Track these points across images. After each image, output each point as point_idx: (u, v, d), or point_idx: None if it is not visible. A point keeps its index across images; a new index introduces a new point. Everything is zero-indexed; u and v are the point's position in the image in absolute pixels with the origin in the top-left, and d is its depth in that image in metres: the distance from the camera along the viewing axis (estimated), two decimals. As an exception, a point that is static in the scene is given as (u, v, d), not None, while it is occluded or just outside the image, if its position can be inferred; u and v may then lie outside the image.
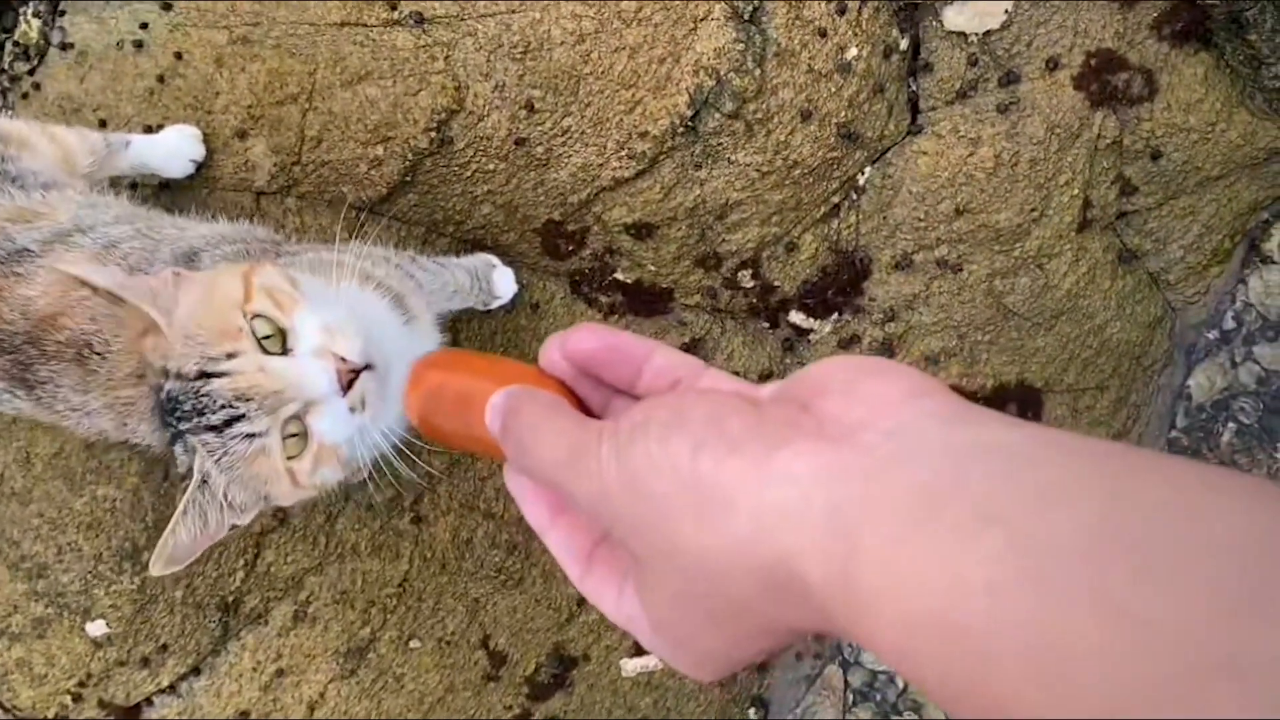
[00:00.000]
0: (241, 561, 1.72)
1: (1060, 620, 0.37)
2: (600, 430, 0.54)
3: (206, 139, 1.61)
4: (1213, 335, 1.88)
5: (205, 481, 1.00)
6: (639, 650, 1.90)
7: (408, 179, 1.62)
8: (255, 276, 1.00)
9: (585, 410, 0.65)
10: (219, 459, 0.98)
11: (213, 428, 0.97)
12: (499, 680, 1.85)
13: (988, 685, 0.38)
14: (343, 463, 1.03)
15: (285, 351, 0.99)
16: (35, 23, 1.67)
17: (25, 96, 1.65)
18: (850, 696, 2.06)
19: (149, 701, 1.77)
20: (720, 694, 1.99)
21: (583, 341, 0.63)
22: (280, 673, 1.78)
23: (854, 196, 1.71)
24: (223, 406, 0.96)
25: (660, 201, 1.64)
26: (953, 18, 1.61)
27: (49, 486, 1.66)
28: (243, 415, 0.97)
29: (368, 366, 1.00)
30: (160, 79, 1.62)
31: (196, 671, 1.77)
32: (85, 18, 1.64)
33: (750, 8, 1.55)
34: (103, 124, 1.63)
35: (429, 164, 1.61)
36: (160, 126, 1.61)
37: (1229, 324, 1.88)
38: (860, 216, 1.72)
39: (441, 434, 0.67)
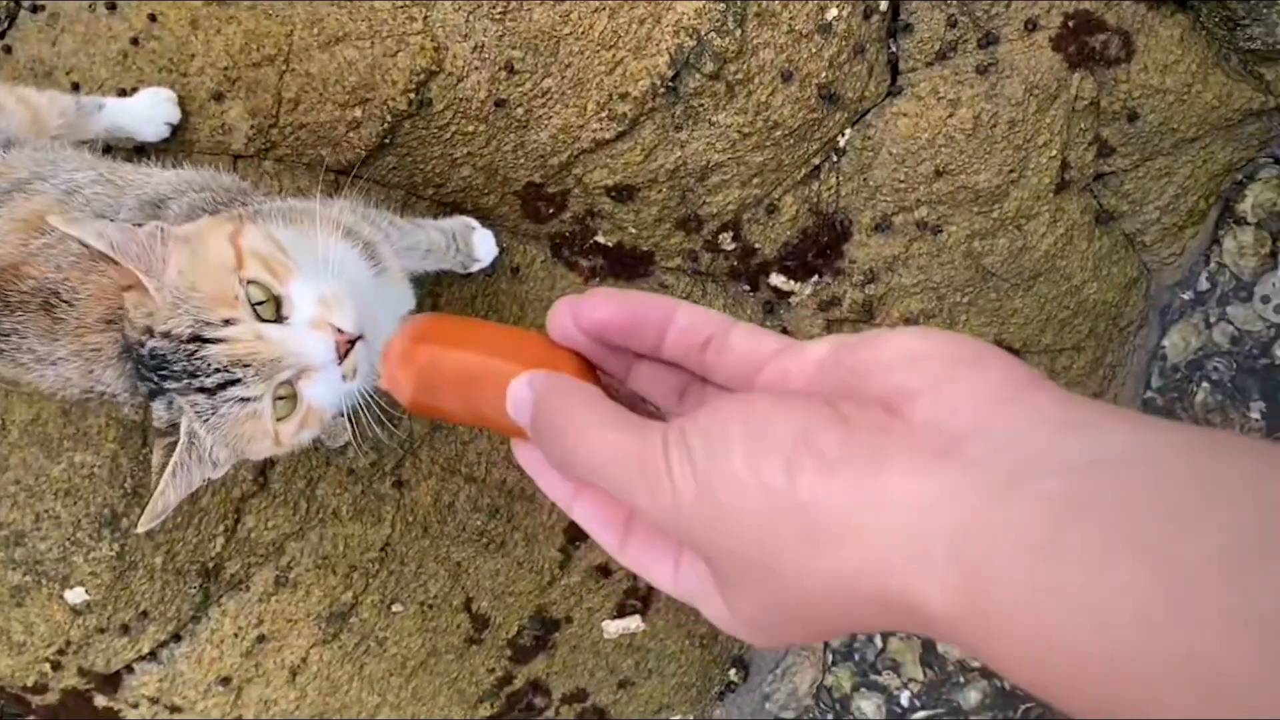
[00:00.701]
0: (222, 527, 1.72)
1: (1216, 650, 0.35)
2: (664, 437, 0.50)
3: (182, 102, 1.59)
4: (1187, 296, 1.91)
5: (192, 441, 1.02)
6: (621, 612, 1.92)
7: (386, 141, 1.61)
8: (243, 240, 1.01)
9: (604, 378, 0.62)
10: (208, 419, 1.00)
11: (205, 390, 0.99)
12: (482, 643, 1.87)
13: (1146, 708, 0.37)
14: (324, 424, 1.07)
15: (279, 319, 1.00)
16: (6, -14, 1.65)
17: (-4, 60, 1.63)
18: (829, 656, 2.09)
19: (129, 669, 1.78)
20: (702, 655, 2.02)
21: (597, 310, 0.60)
22: (262, 638, 1.79)
23: (834, 158, 1.71)
24: (217, 370, 0.98)
25: (641, 163, 1.65)
26: (933, -22, 1.62)
27: (25, 454, 1.65)
28: (239, 380, 0.98)
29: (360, 336, 1.03)
30: (134, 41, 1.60)
31: (177, 638, 1.77)
32: (57, -21, 1.63)
33: (731, -33, 1.55)
34: (75, 87, 1.61)
35: (408, 126, 1.60)
36: (135, 89, 1.60)
37: (1203, 285, 1.91)
38: (840, 178, 1.73)
39: (439, 413, 0.65)
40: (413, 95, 1.58)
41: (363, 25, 1.56)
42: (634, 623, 1.93)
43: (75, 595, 1.71)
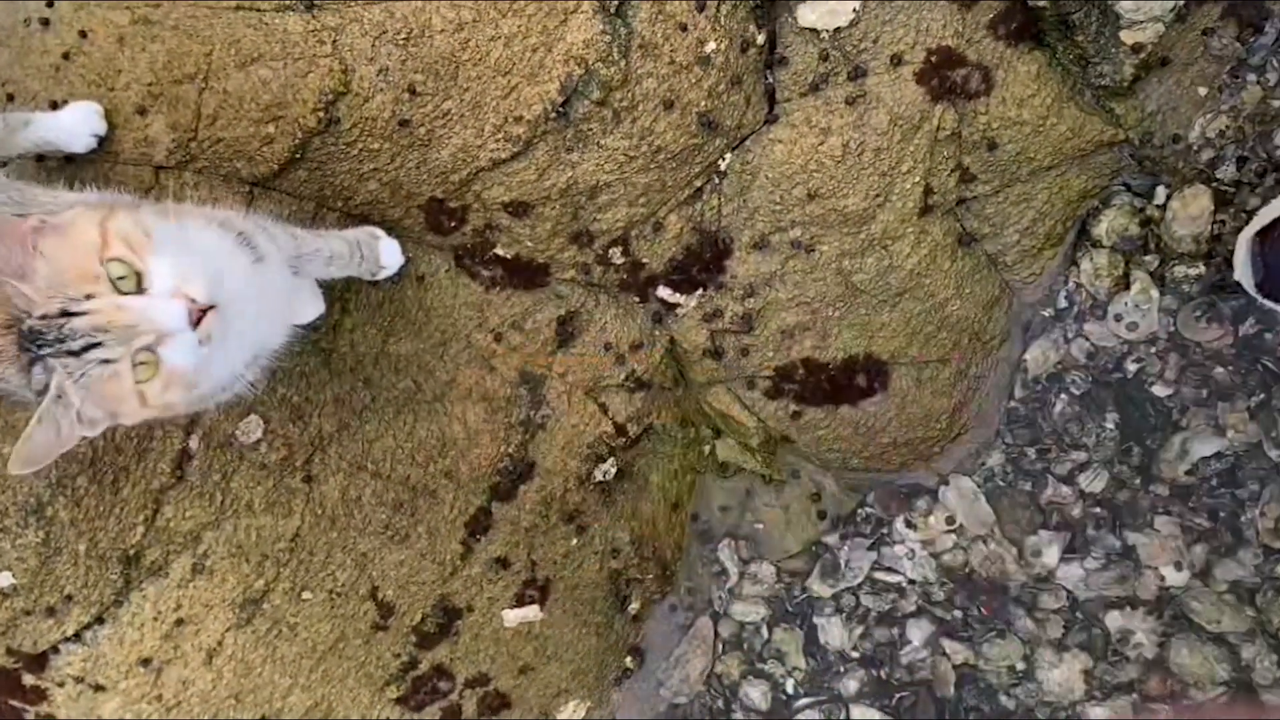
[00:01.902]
0: (142, 517, 1.79)
1: None
2: None
3: (108, 115, 1.67)
4: (1047, 313, 2.02)
5: (60, 396, 1.14)
6: (520, 602, 2.01)
7: (298, 156, 1.71)
8: (111, 223, 1.15)
9: None
10: (77, 379, 1.13)
11: (72, 353, 1.12)
12: (387, 629, 1.96)
13: None
14: (188, 389, 1.20)
15: (141, 291, 1.13)
16: (-56, -1, 1.72)
17: (-68, 70, 1.71)
18: (719, 645, 2.19)
19: (55, 649, 1.85)
20: (598, 643, 2.11)
21: None
22: (180, 622, 1.87)
23: (716, 180, 1.83)
24: (83, 335, 1.11)
25: (535, 182, 1.76)
26: (805, 15, 1.73)
27: (-45, 447, 1.72)
28: (100, 344, 1.11)
29: (213, 306, 1.16)
30: (65, 56, 1.68)
31: (100, 620, 1.85)
32: (-7, -5, 1.70)
33: (616, 3, 1.66)
34: (10, 98, 1.68)
35: (318, 142, 1.70)
36: (65, 102, 1.67)
37: (1062, 303, 2.02)
38: (722, 199, 1.84)
39: None
40: (322, 114, 1.68)
41: (276, 47, 1.66)
42: (532, 612, 2.02)
43: (2, 579, 1.78)
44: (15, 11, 1.69)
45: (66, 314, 1.11)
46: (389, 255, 1.75)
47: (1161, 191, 1.94)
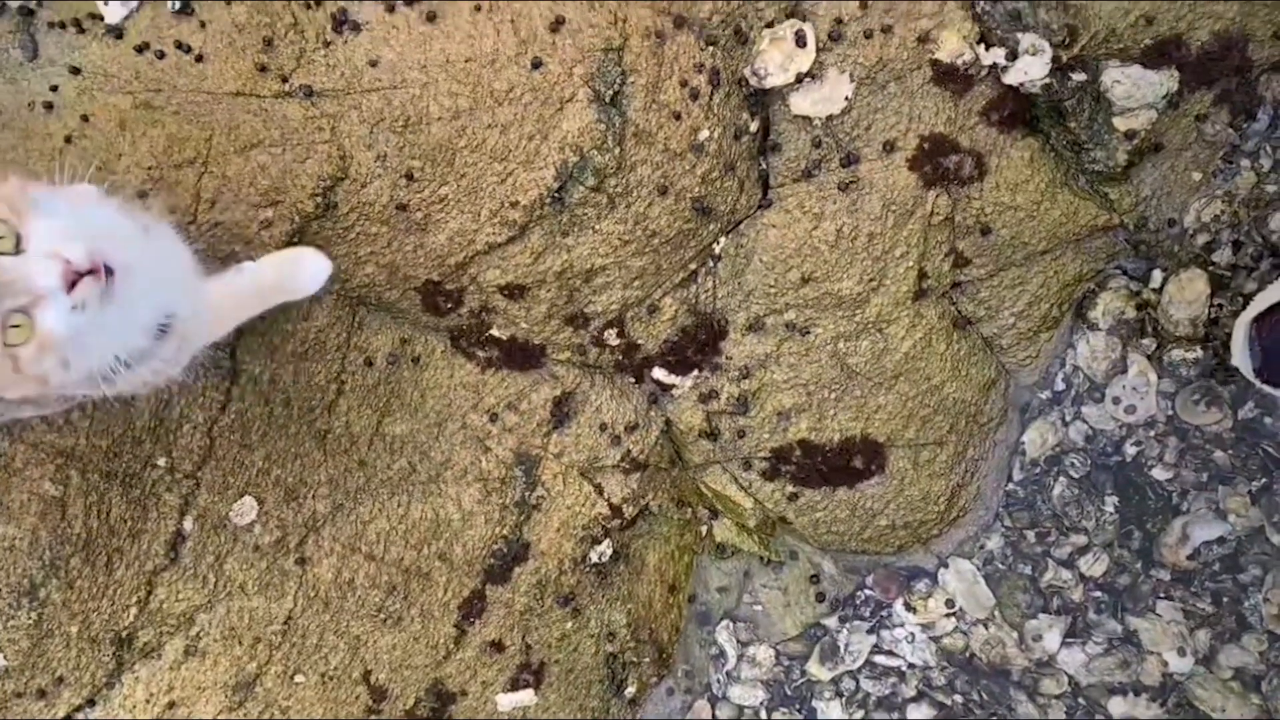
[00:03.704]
0: (135, 598, 1.79)
1: None
2: None
3: (107, 195, 1.70)
4: (1045, 395, 2.02)
5: None
6: (514, 686, 1.99)
7: (295, 240, 1.72)
8: None
9: None
10: None
11: None
12: (380, 714, 1.94)
13: None
14: (66, 360, 1.16)
15: (19, 252, 1.11)
16: (-48, 83, 1.75)
17: (-61, 152, 1.74)
18: (717, 734, 2.17)
19: (45, 732, 1.84)
20: (594, 728, 2.09)
21: None
22: (172, 704, 1.85)
23: (710, 264, 1.84)
24: None
25: (531, 265, 1.77)
26: (798, 102, 1.75)
27: (-50, 524, 1.73)
28: None
29: (92, 271, 1.13)
30: (68, 139, 1.71)
31: (91, 703, 1.83)
32: (0, 78, 1.73)
33: (611, 91, 1.68)
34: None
35: (315, 226, 1.72)
36: (73, 182, 1.69)
37: (1059, 385, 2.02)
38: (716, 282, 1.85)
39: None
40: (320, 199, 1.70)
41: (275, 133, 1.68)
42: (527, 696, 2.00)
43: (-6, 661, 1.78)
44: (19, 94, 1.72)
45: None
46: (314, 269, 1.72)
47: (1158, 275, 1.94)
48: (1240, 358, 1.83)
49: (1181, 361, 1.96)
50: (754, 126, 1.77)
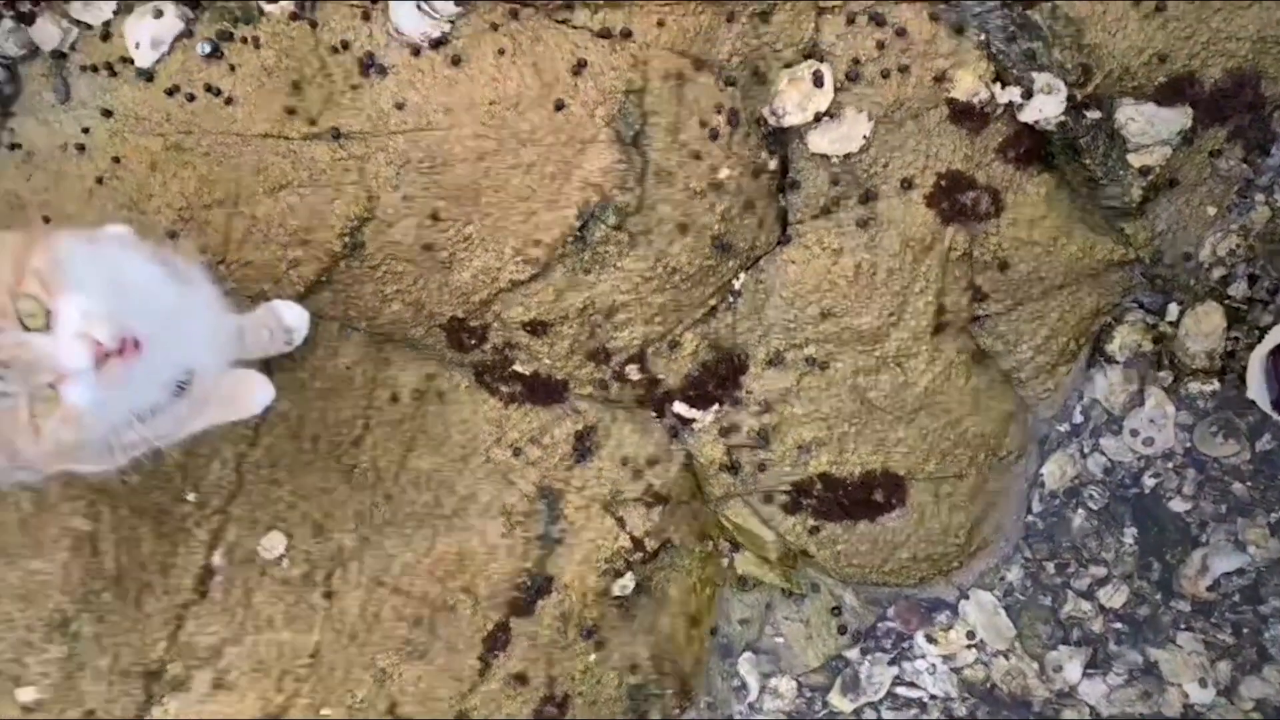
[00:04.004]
0: (165, 632, 1.81)
1: None
2: None
3: (139, 238, 1.72)
4: (1063, 428, 2.03)
5: None
6: (538, 718, 2.00)
7: (323, 279, 1.76)
8: (29, 260, 1.15)
9: None
10: None
11: None
12: (405, 746, 1.96)
13: None
14: (83, 428, 1.18)
15: (49, 328, 1.13)
16: (-14, 124, 1.78)
17: (-25, 193, 1.77)
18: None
19: (75, 765, 1.86)
20: (618, 760, 2.10)
21: None
22: (199, 738, 1.88)
23: (730, 299, 1.87)
24: None
25: (553, 302, 1.80)
26: (816, 141, 1.78)
27: (-18, 560, 1.75)
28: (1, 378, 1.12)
29: (120, 350, 1.15)
30: (99, 180, 1.74)
31: (120, 736, 1.86)
32: (33, 120, 1.76)
33: (633, 132, 1.71)
34: (46, 220, 1.74)
35: (343, 265, 1.75)
36: (98, 224, 1.72)
37: (1078, 418, 2.03)
38: (736, 317, 1.88)
39: None
40: (348, 238, 1.73)
41: (304, 174, 1.72)
42: (550, 728, 2.02)
43: (26, 694, 1.79)
44: (52, 136, 1.75)
45: None
46: (292, 318, 1.73)
47: (1174, 308, 1.96)
48: (1256, 390, 1.84)
49: (1199, 394, 1.97)
50: (773, 165, 1.80)
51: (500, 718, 1.99)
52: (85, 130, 1.74)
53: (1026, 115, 1.77)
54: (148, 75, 1.73)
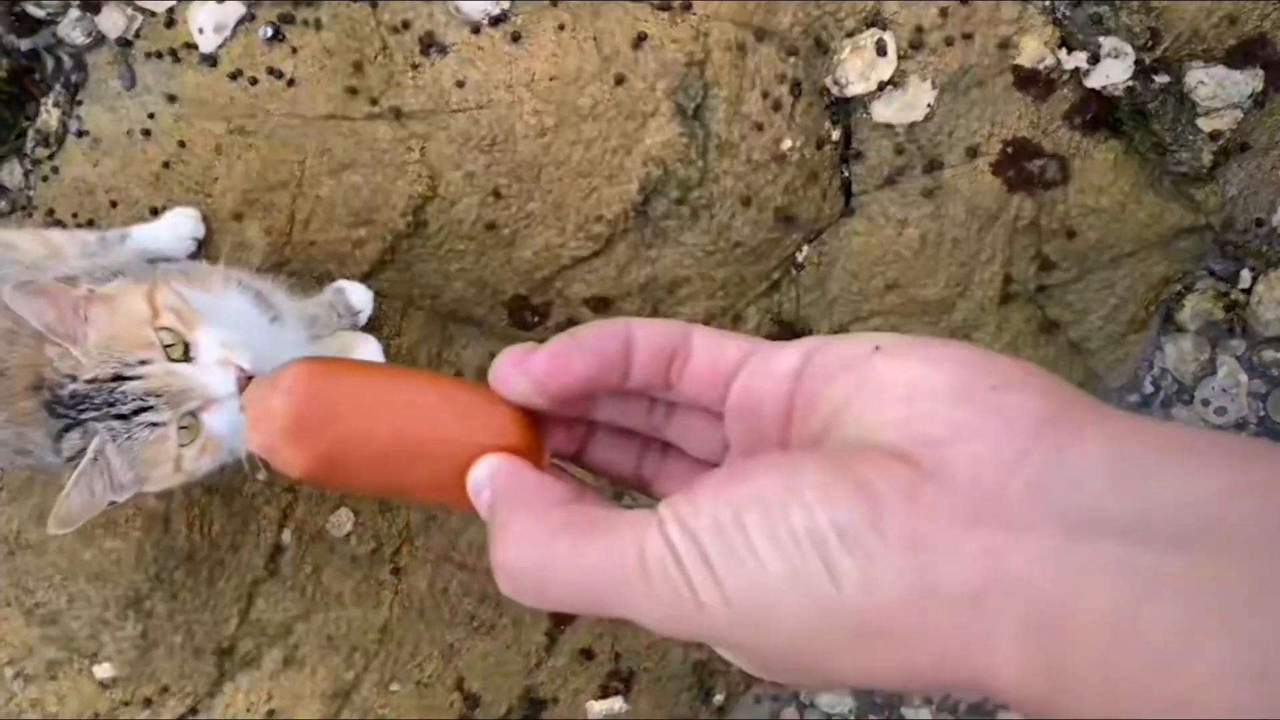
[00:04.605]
0: (236, 609, 1.84)
1: None
2: (667, 542, 0.43)
3: (205, 220, 1.75)
4: (1133, 399, 2.00)
5: (96, 459, 1.19)
6: (605, 693, 2.01)
7: (387, 258, 1.77)
8: (158, 296, 1.22)
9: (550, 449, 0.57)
10: (120, 442, 1.18)
11: (121, 416, 1.18)
12: (473, 721, 1.97)
13: None
14: (219, 456, 1.26)
15: (188, 359, 1.20)
16: (55, 112, 1.81)
17: (45, 179, 1.79)
18: (812, 742, 2.16)
19: (150, 741, 1.90)
20: (682, 737, 2.10)
21: (559, 373, 0.52)
22: (271, 713, 1.89)
23: (793, 273, 1.86)
24: (134, 400, 1.17)
25: (616, 278, 1.80)
26: (880, 110, 1.76)
27: (61, 540, 1.78)
28: (151, 407, 1.18)
29: (254, 375, 1.21)
30: (165, 164, 1.76)
31: (194, 711, 1.88)
32: (100, 107, 1.78)
33: (694, 104, 1.71)
34: (113, 204, 1.77)
35: (406, 244, 1.76)
36: (164, 208, 1.75)
37: (1148, 388, 2.00)
38: (800, 291, 1.87)
39: (339, 488, 0.56)
40: (410, 217, 1.74)
41: (367, 154, 1.73)
42: (618, 704, 2.02)
43: (103, 670, 1.82)
44: (119, 122, 1.77)
45: (119, 378, 1.18)
46: (358, 299, 1.76)
47: (1246, 275, 1.92)
48: (1332, 357, 1.81)
49: (1273, 362, 1.93)
50: (836, 135, 1.78)
51: (567, 693, 2.00)
52: (151, 116, 1.76)
53: (1093, 81, 1.74)
54: (211, 60, 1.74)
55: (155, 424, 1.18)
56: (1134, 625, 0.35)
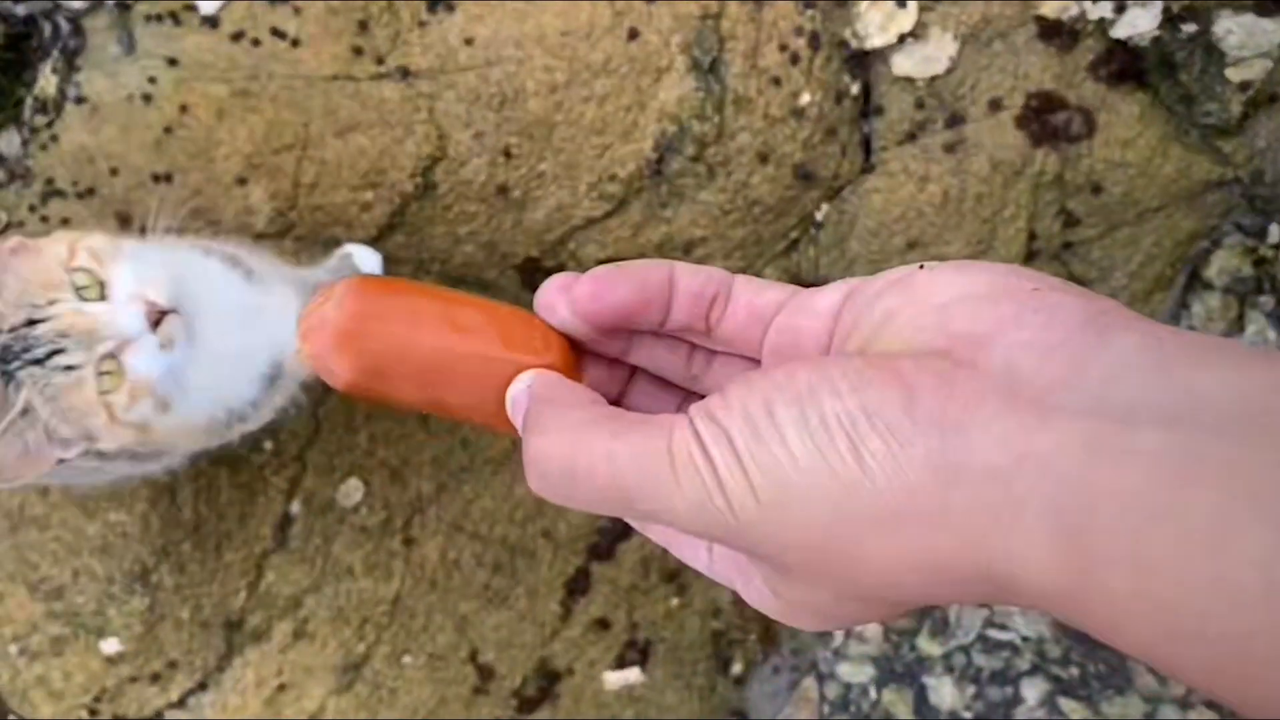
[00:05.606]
0: (244, 582, 1.82)
1: None
2: (694, 431, 0.44)
3: (209, 186, 1.72)
4: (1159, 358, 1.97)
5: (26, 411, 1.15)
6: (621, 664, 1.99)
7: (395, 221, 1.73)
8: (82, 241, 1.19)
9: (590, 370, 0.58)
10: (42, 389, 1.14)
11: (36, 361, 1.14)
12: (488, 693, 1.94)
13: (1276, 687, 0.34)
14: (158, 403, 1.20)
15: (104, 299, 1.16)
16: (54, 78, 1.77)
17: (44, 148, 1.76)
18: (825, 708, 2.14)
19: (160, 716, 1.86)
20: (700, 706, 2.07)
21: (606, 295, 0.54)
22: (282, 687, 1.87)
23: (812, 231, 1.82)
24: (47, 343, 1.14)
25: (630, 239, 1.76)
26: (900, 63, 1.72)
27: (65, 513, 1.76)
28: (62, 349, 1.13)
29: (175, 310, 1.18)
30: (167, 130, 1.72)
31: (203, 686, 1.85)
32: (99, 73, 1.74)
33: (709, 59, 1.66)
34: (114, 172, 1.73)
35: (415, 207, 1.72)
36: (167, 174, 1.72)
37: (1174, 347, 1.96)
38: (819, 250, 1.83)
39: (380, 399, 0.59)
40: (419, 179, 1.70)
41: (373, 115, 1.69)
42: (634, 674, 2.00)
43: (110, 645, 1.80)
44: (119, 88, 1.74)
45: (31, 321, 1.14)
46: (367, 263, 1.73)
47: (1275, 230, 1.88)
48: (1364, 313, 1.77)
49: (1302, 319, 1.91)
50: (855, 89, 1.74)
51: (583, 663, 1.98)
52: (151, 80, 1.72)
53: (1119, 31, 1.70)
54: (212, 22, 1.70)
55: (69, 367, 1.14)
56: (1170, 507, 0.35)
